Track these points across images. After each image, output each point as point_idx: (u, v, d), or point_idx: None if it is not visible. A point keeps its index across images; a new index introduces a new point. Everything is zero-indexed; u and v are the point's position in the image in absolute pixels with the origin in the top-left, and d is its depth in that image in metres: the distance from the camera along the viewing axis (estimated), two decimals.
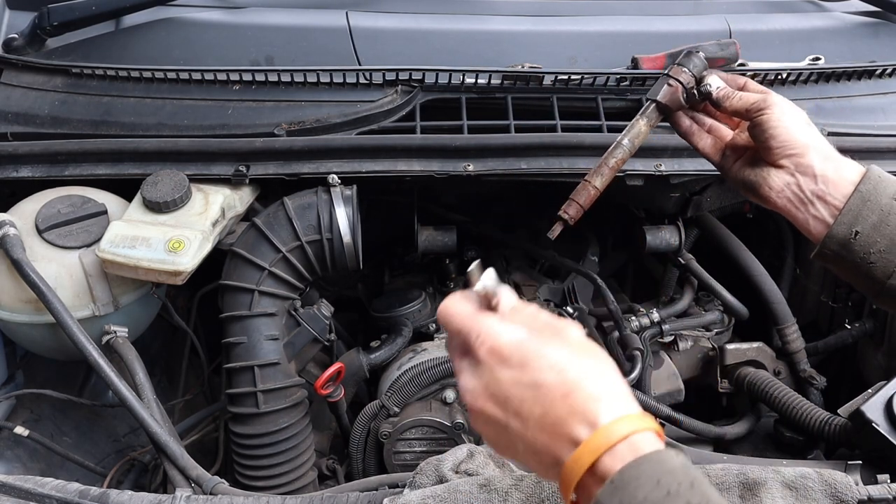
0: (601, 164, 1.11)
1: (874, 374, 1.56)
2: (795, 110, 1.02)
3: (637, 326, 1.53)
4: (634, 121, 1.11)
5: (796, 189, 0.99)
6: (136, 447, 1.47)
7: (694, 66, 1.08)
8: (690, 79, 1.08)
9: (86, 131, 1.39)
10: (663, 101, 1.08)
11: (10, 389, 1.38)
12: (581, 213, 1.11)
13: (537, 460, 0.67)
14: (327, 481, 1.42)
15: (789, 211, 1.01)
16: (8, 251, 1.19)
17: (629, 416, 0.64)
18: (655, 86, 1.11)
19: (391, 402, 1.33)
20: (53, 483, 0.98)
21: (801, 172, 0.98)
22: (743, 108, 1.03)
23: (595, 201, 1.12)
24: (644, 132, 1.11)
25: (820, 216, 0.98)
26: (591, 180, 1.11)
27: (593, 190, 1.10)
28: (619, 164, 1.11)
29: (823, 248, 0.98)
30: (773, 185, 1.01)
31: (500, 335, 0.69)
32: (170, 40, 1.53)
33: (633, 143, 1.10)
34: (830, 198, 0.97)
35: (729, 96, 1.05)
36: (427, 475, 0.95)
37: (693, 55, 1.09)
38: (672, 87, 1.08)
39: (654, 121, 1.11)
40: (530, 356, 0.67)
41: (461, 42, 1.56)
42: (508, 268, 1.75)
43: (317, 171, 1.34)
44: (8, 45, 1.49)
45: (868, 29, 1.72)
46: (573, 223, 1.11)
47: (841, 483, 0.93)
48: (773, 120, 1.00)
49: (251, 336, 1.28)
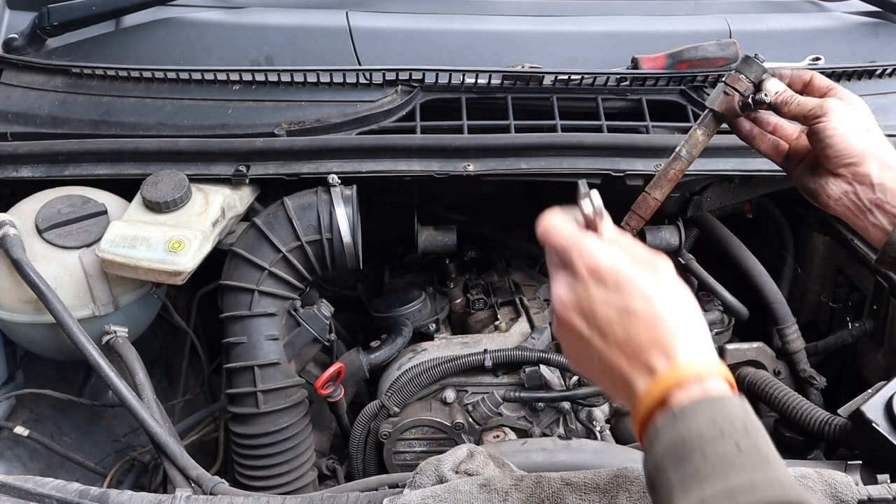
0: (660, 175, 1.10)
1: (874, 374, 1.56)
2: (855, 114, 1.00)
3: None
4: (692, 131, 1.10)
5: (854, 198, 0.98)
6: (136, 447, 1.47)
7: (752, 72, 1.05)
8: (748, 85, 1.05)
9: (86, 131, 1.39)
10: (719, 109, 1.06)
11: (10, 389, 1.38)
12: (642, 223, 1.11)
13: (609, 379, 0.72)
14: (327, 481, 1.42)
15: (848, 218, 1.01)
16: (8, 251, 1.19)
17: (705, 358, 0.69)
18: (713, 94, 1.08)
19: (391, 402, 1.33)
20: (53, 483, 0.98)
21: (859, 182, 0.98)
22: (800, 115, 1.01)
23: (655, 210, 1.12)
24: (702, 142, 1.09)
25: (879, 224, 0.97)
26: (651, 192, 1.10)
27: (653, 201, 1.10)
28: (678, 176, 1.10)
29: (885, 255, 0.97)
30: (831, 193, 1.00)
31: (600, 256, 0.74)
32: (170, 40, 1.53)
33: (692, 153, 1.09)
34: (889, 206, 0.96)
35: (787, 102, 1.03)
36: (427, 475, 0.95)
37: (751, 60, 1.06)
38: (728, 96, 1.06)
39: (711, 130, 1.09)
40: (625, 282, 0.72)
41: (461, 42, 1.56)
42: (508, 268, 1.75)
43: (317, 171, 1.34)
44: (8, 45, 1.49)
45: (868, 29, 1.72)
46: (634, 234, 1.11)
47: (841, 483, 0.93)
48: (829, 129, 0.98)
49: (251, 336, 1.28)
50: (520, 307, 1.57)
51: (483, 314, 1.61)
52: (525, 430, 1.34)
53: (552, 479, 0.91)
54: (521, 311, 1.56)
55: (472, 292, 1.64)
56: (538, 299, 1.61)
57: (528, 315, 1.54)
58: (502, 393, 1.31)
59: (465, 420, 1.31)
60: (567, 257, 0.77)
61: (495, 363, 1.34)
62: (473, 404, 1.32)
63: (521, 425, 1.35)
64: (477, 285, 1.66)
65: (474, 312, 1.62)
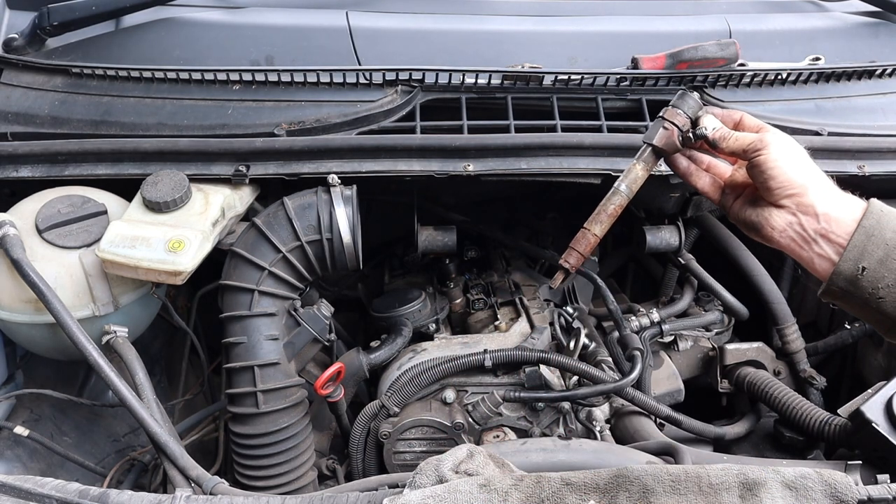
0: (599, 210, 1.10)
1: (874, 374, 1.57)
2: (793, 147, 1.01)
3: (637, 326, 1.54)
4: (631, 166, 1.09)
5: (799, 228, 0.98)
6: (136, 447, 1.47)
7: (689, 108, 1.06)
8: (686, 120, 1.06)
9: (86, 131, 1.39)
10: (659, 144, 1.06)
11: (10, 389, 1.39)
12: (582, 261, 1.10)
13: None
14: (327, 481, 1.42)
15: (793, 250, 1.00)
16: (8, 251, 1.19)
17: None
18: (650, 129, 1.09)
19: (391, 402, 1.33)
20: (53, 483, 0.98)
21: (803, 212, 0.97)
22: (740, 149, 1.02)
23: (594, 247, 1.11)
24: (641, 176, 1.09)
25: (825, 254, 0.97)
26: (590, 228, 1.09)
27: (593, 238, 1.09)
28: (618, 211, 1.09)
29: (830, 286, 0.96)
30: (775, 224, 1.00)
31: None
32: (170, 40, 1.53)
33: (631, 188, 1.09)
34: (834, 235, 0.96)
35: (725, 137, 1.03)
36: (427, 475, 0.95)
37: (687, 96, 1.07)
38: (668, 131, 1.06)
39: (650, 165, 1.09)
40: None
41: (461, 42, 1.57)
42: (508, 268, 1.75)
43: (317, 171, 1.34)
44: (8, 45, 1.49)
45: (868, 29, 1.72)
46: (574, 271, 1.10)
47: (841, 483, 0.93)
48: (770, 161, 0.98)
49: (251, 336, 1.28)
50: (520, 307, 1.58)
51: (483, 314, 1.61)
52: (525, 430, 1.34)
53: (552, 479, 0.91)
54: (521, 311, 1.56)
55: (472, 292, 1.64)
56: (538, 299, 1.61)
57: (528, 315, 1.54)
58: (502, 393, 1.31)
59: (465, 420, 1.31)
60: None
61: (495, 363, 1.34)
62: (473, 404, 1.32)
63: (521, 425, 1.35)
64: (477, 285, 1.66)
65: (474, 312, 1.62)
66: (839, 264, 0.95)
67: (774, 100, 1.51)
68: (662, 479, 0.94)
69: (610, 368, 1.40)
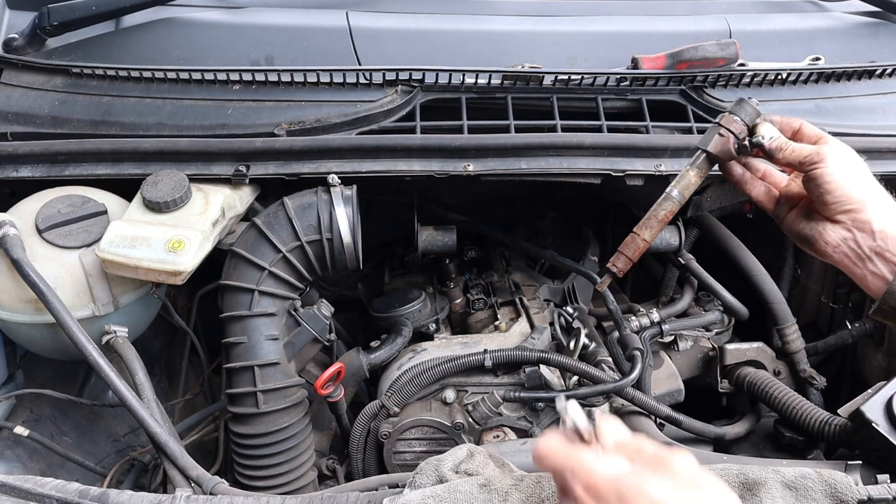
0: (650, 215, 1.08)
1: (874, 374, 1.56)
2: (852, 161, 0.98)
3: (637, 326, 1.53)
4: (684, 171, 1.08)
5: (854, 245, 0.96)
6: (136, 447, 1.47)
7: (746, 115, 1.04)
8: (742, 128, 1.04)
9: (86, 131, 1.39)
10: (714, 151, 1.04)
11: (10, 389, 1.39)
12: (630, 265, 1.09)
13: None
14: (327, 481, 1.42)
15: (846, 266, 0.98)
16: (8, 251, 1.19)
17: None
18: (706, 135, 1.07)
19: (391, 402, 1.33)
20: (53, 483, 0.98)
21: (859, 228, 0.96)
22: (796, 161, 0.99)
23: (643, 252, 1.10)
24: (694, 183, 1.07)
25: (879, 272, 0.95)
26: (640, 233, 1.08)
27: (642, 242, 1.08)
28: (669, 216, 1.08)
29: (883, 305, 0.95)
30: (829, 239, 0.98)
31: (594, 471, 0.66)
32: (170, 40, 1.53)
33: (683, 194, 1.07)
34: (889, 254, 0.94)
35: (782, 148, 1.01)
36: (427, 475, 0.95)
37: (745, 103, 1.04)
38: (723, 138, 1.04)
39: (704, 171, 1.07)
40: (629, 493, 0.63)
41: (461, 42, 1.56)
42: (508, 268, 1.75)
43: (317, 171, 1.34)
44: (8, 45, 1.49)
45: (868, 29, 1.72)
46: (621, 275, 1.10)
47: (841, 483, 0.93)
48: (827, 175, 0.96)
49: (251, 336, 1.28)
50: (520, 307, 1.58)
51: (483, 314, 1.61)
52: (525, 430, 1.34)
53: (552, 479, 0.91)
54: (521, 311, 1.56)
55: (472, 292, 1.64)
56: (538, 299, 1.61)
57: (528, 315, 1.54)
58: (502, 393, 1.31)
59: (465, 420, 1.31)
60: (562, 481, 0.68)
61: (495, 363, 1.34)
62: (473, 404, 1.32)
63: (521, 425, 1.35)
64: (477, 285, 1.66)
65: (474, 312, 1.62)
66: (893, 283, 0.93)
67: (774, 100, 1.51)
68: None
69: (610, 368, 1.40)
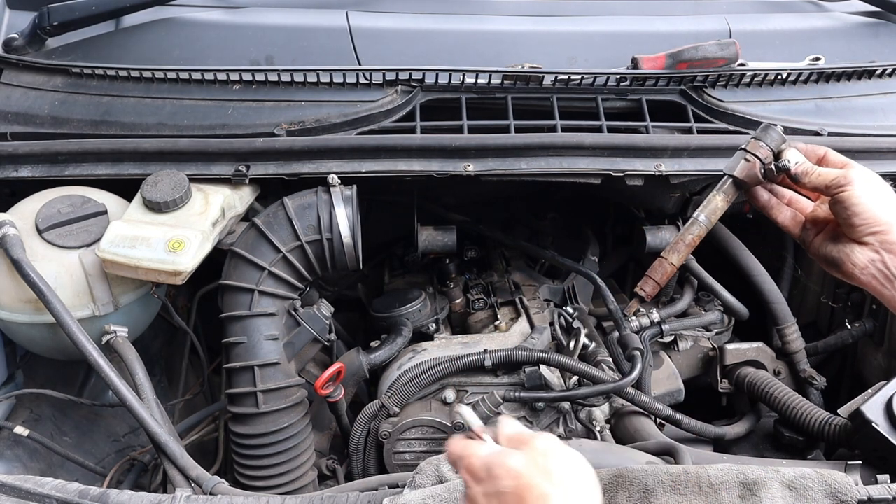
0: (678, 240, 1.09)
1: (874, 374, 1.56)
2: (878, 184, 0.99)
3: (637, 326, 1.54)
4: (711, 195, 1.08)
5: (882, 266, 0.96)
6: (136, 447, 1.47)
7: (772, 140, 1.04)
8: (768, 153, 1.04)
9: (86, 131, 1.39)
10: (740, 176, 1.05)
11: (10, 389, 1.39)
12: (658, 290, 1.09)
13: None
14: (327, 481, 1.42)
15: (875, 288, 0.98)
16: (8, 251, 1.19)
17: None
18: (732, 160, 1.07)
19: (391, 402, 1.33)
20: (53, 483, 0.98)
21: (887, 250, 0.96)
22: (823, 185, 1.00)
23: (672, 276, 1.11)
24: (721, 208, 1.07)
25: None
26: (668, 257, 1.08)
27: (670, 267, 1.08)
28: (696, 241, 1.08)
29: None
30: (857, 262, 0.98)
31: (472, 456, 0.78)
32: (170, 40, 1.53)
33: (710, 219, 1.07)
34: None
35: (808, 172, 1.01)
36: (427, 475, 0.95)
37: (770, 128, 1.05)
38: (749, 163, 1.04)
39: (731, 196, 1.07)
40: (494, 467, 0.75)
41: (461, 42, 1.56)
42: (508, 268, 1.75)
43: (317, 171, 1.34)
44: (8, 45, 1.49)
45: (868, 29, 1.72)
46: (649, 300, 1.10)
47: (841, 483, 0.93)
48: (854, 197, 0.97)
49: (251, 336, 1.28)
50: (520, 307, 1.58)
51: (483, 314, 1.61)
52: None
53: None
54: (521, 311, 1.56)
55: (472, 292, 1.64)
56: (538, 299, 1.61)
57: (528, 315, 1.54)
58: (502, 393, 1.31)
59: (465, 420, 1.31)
60: (459, 470, 0.80)
61: (495, 363, 1.34)
62: (473, 404, 1.32)
63: None
64: (477, 285, 1.66)
65: (474, 312, 1.62)
66: None
67: (774, 100, 1.51)
68: (662, 479, 0.94)
69: (610, 368, 1.40)
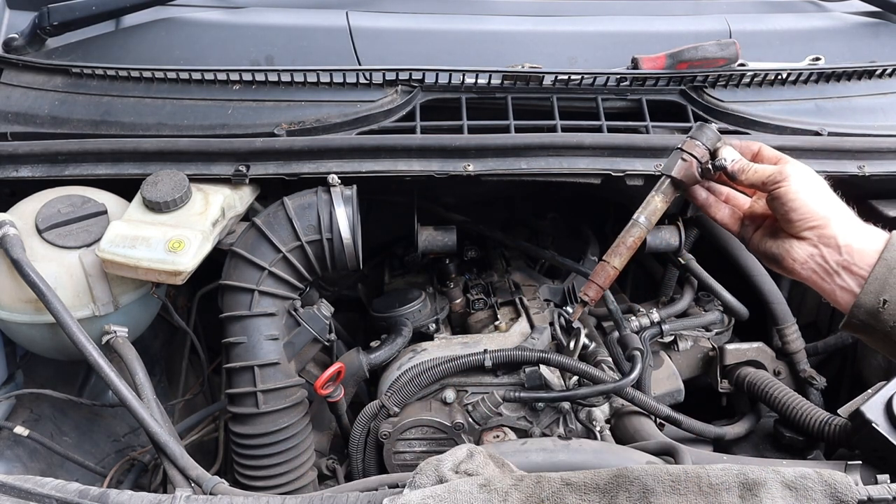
0: (618, 243, 1.09)
1: (874, 374, 1.56)
2: (813, 178, 1.00)
3: (637, 326, 1.54)
4: (650, 197, 1.09)
5: (820, 260, 0.97)
6: (136, 447, 1.47)
7: (707, 139, 1.05)
8: (704, 152, 1.05)
9: (86, 131, 1.40)
10: (678, 176, 1.06)
11: (10, 389, 1.39)
12: (601, 294, 1.10)
13: None
14: (327, 481, 1.42)
15: (815, 282, 0.99)
16: (8, 251, 1.19)
17: None
18: (669, 160, 1.08)
19: (391, 402, 1.33)
20: (53, 483, 0.98)
21: (825, 244, 0.97)
22: (759, 182, 1.01)
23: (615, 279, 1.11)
24: (660, 209, 1.08)
25: (847, 286, 0.96)
26: (610, 260, 1.09)
27: (612, 270, 1.09)
28: (637, 243, 1.09)
29: (851, 318, 0.96)
30: (796, 256, 0.99)
31: None
32: (170, 40, 1.53)
33: (650, 220, 1.08)
34: (856, 268, 0.95)
35: (744, 169, 1.03)
36: (427, 475, 0.95)
37: (705, 127, 1.06)
38: (686, 162, 1.05)
39: (669, 196, 1.08)
40: None
41: (461, 42, 1.57)
42: (508, 268, 1.75)
43: (317, 171, 1.34)
44: (8, 45, 1.49)
45: (868, 29, 1.72)
46: (594, 304, 1.11)
47: (841, 483, 0.92)
48: (790, 192, 0.98)
49: (251, 336, 1.28)
50: (520, 307, 1.57)
51: (483, 314, 1.61)
52: (525, 430, 1.34)
53: (552, 479, 0.91)
54: (521, 311, 1.56)
55: (472, 292, 1.64)
56: (538, 299, 1.61)
57: (528, 315, 1.54)
58: (502, 393, 1.31)
59: (465, 420, 1.31)
60: None
61: (495, 363, 1.33)
62: (473, 404, 1.32)
63: (521, 425, 1.35)
64: (477, 285, 1.66)
65: (474, 312, 1.62)
66: (860, 297, 0.94)
67: (774, 100, 1.51)
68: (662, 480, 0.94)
69: (610, 368, 1.40)
